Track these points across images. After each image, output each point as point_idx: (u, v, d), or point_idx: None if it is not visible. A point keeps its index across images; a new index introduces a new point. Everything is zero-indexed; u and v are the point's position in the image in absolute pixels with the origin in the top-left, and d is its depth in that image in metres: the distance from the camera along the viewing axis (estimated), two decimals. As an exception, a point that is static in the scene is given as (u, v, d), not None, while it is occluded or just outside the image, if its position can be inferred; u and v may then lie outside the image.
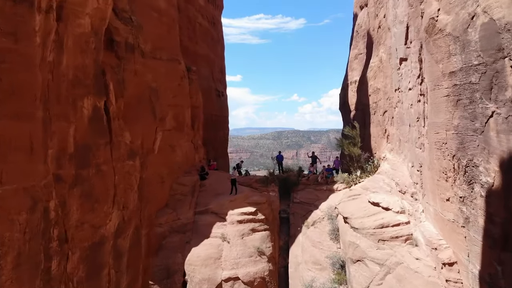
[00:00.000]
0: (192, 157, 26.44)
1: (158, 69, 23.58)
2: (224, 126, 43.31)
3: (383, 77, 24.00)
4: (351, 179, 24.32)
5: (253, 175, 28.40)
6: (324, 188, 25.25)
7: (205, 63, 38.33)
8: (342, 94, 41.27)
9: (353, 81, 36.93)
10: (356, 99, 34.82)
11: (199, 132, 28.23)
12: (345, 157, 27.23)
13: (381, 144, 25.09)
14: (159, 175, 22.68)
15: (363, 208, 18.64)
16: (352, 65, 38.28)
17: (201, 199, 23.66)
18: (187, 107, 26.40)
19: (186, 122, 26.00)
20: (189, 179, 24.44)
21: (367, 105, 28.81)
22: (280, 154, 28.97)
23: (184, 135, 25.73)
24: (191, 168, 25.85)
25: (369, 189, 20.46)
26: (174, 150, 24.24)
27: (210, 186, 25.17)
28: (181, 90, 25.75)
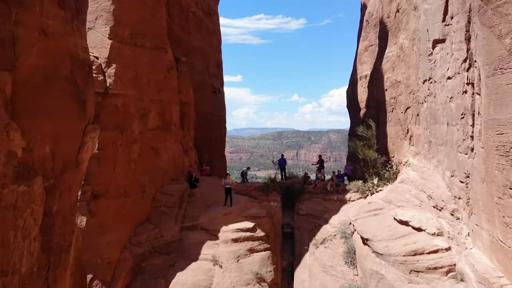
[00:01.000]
0: (181, 161, 22.78)
1: (139, 58, 19.98)
2: (220, 125, 39.58)
3: (405, 67, 20.33)
4: (366, 188, 20.66)
5: (252, 182, 24.76)
6: (335, 198, 21.58)
7: (199, 56, 34.64)
8: (350, 90, 37.59)
9: (363, 75, 33.25)
10: (367, 96, 31.13)
11: (190, 132, 24.57)
12: (357, 161, 23.54)
13: (401, 147, 21.42)
14: (138, 183, 19.04)
15: (387, 228, 14.98)
16: (361, 58, 34.60)
17: (190, 212, 19.99)
18: (175, 103, 22.74)
19: (173, 121, 22.35)
20: (176, 188, 20.77)
21: (382, 102, 25.14)
22: (283, 158, 25.30)
23: (171, 136, 22.07)
24: (179, 174, 22.18)
25: (393, 202, 16.79)
26: (158, 154, 20.58)
27: (201, 196, 21.49)
28: (168, 83, 22.10)
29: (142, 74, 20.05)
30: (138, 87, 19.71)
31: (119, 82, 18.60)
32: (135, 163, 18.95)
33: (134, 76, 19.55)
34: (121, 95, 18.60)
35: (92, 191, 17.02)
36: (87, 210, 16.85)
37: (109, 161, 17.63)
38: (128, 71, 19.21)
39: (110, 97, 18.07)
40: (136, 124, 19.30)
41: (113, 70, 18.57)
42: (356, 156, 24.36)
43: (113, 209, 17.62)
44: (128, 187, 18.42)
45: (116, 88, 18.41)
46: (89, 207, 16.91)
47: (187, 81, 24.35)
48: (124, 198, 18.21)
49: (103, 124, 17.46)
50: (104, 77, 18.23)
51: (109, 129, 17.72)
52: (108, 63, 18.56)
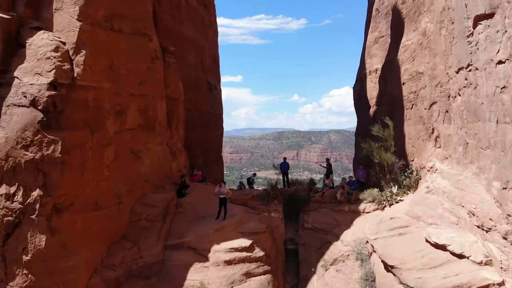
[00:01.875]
0: (167, 166, 19.68)
1: (116, 44, 16.90)
2: (216, 125, 36.49)
3: (430, 55, 17.26)
4: (384, 198, 17.57)
5: (249, 189, 21.61)
6: (346, 208, 18.49)
7: (192, 49, 31.57)
8: (358, 87, 34.49)
9: (373, 70, 30.17)
10: (378, 92, 28.06)
11: (179, 132, 21.48)
12: (370, 165, 20.44)
13: (423, 149, 18.34)
14: (113, 193, 15.96)
15: (419, 252, 11.89)
16: (370, 51, 31.51)
17: (176, 226, 16.90)
18: (161, 99, 19.66)
19: (158, 119, 19.27)
20: (160, 198, 17.68)
21: (398, 97, 22.06)
22: (285, 162, 22.14)
23: (155, 136, 18.99)
24: (165, 181, 19.10)
25: (422, 219, 13.69)
26: (138, 157, 17.50)
27: (190, 207, 18.40)
28: (152, 75, 19.02)
29: (120, 64, 16.97)
30: (114, 79, 16.63)
31: (89, 72, 15.51)
32: (109, 169, 15.86)
33: (109, 65, 16.47)
34: (92, 88, 15.51)
35: (53, 203, 13.91)
36: (47, 227, 13.75)
37: (76, 167, 14.53)
38: (102, 59, 16.13)
39: (78, 89, 14.97)
40: (111, 122, 16.22)
41: (82, 57, 15.46)
42: (370, 160, 21.29)
43: (80, 225, 14.55)
44: (100, 198, 15.33)
45: (86, 79, 15.32)
46: (49, 224, 13.81)
47: (175, 74, 21.28)
48: (95, 212, 15.12)
49: (68, 122, 14.49)
50: (71, 65, 15.11)
51: (75, 128, 14.66)
52: (77, 50, 15.45)
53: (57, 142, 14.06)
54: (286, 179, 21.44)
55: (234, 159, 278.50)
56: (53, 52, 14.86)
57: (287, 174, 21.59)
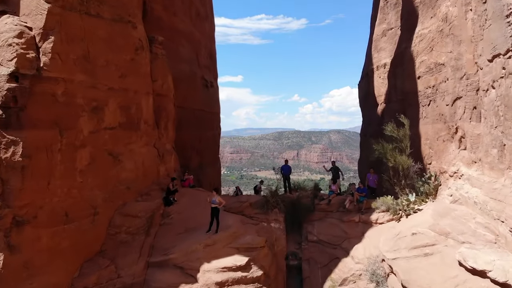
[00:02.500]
0: (154, 170, 17.46)
1: (92, 31, 14.73)
2: (213, 124, 34.29)
3: (453, 43, 15.03)
4: (400, 207, 15.34)
5: (247, 196, 19.33)
6: (356, 218, 16.28)
7: (186, 42, 29.36)
8: (364, 84, 32.25)
9: (381, 64, 27.94)
10: (388, 88, 25.83)
11: (168, 132, 19.25)
12: (381, 168, 18.22)
13: (444, 151, 16.13)
14: (87, 203, 13.78)
15: (452, 279, 9.67)
16: (378, 45, 29.27)
17: (161, 240, 14.69)
18: (146, 94, 17.46)
19: (143, 117, 17.07)
20: (144, 207, 15.48)
21: (413, 93, 19.85)
22: (287, 165, 19.84)
23: (139, 137, 16.79)
24: (150, 188, 16.90)
25: (451, 235, 11.46)
26: (119, 161, 15.30)
27: (179, 216, 16.20)
28: (136, 67, 16.84)
29: (97, 53, 14.79)
30: (90, 70, 14.45)
31: (59, 61, 13.33)
32: (82, 174, 13.66)
33: (84, 55, 14.29)
34: (62, 80, 13.33)
35: (13, 216, 11.77)
36: (5, 244, 11.60)
37: (41, 172, 12.36)
38: (75, 47, 13.95)
39: (44, 82, 12.80)
40: (86, 120, 14.03)
41: (50, 44, 13.28)
42: (380, 163, 19.08)
43: (45, 241, 12.40)
44: (71, 208, 13.15)
45: (55, 69, 13.14)
46: (8, 240, 11.66)
47: (164, 67, 19.06)
48: (64, 225, 12.96)
49: (32, 120, 12.36)
50: (36, 54, 12.95)
51: (40, 127, 12.51)
52: (44, 35, 13.27)
53: (17, 143, 11.92)
54: (287, 184, 19.19)
55: (234, 159, 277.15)
56: (16, 38, 12.72)
57: (288, 179, 19.32)
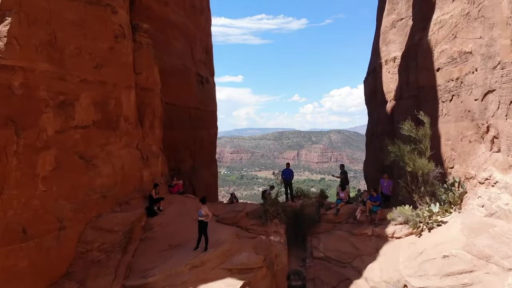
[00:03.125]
0: (136, 175, 15.24)
1: (61, 13, 12.56)
2: (209, 123, 32.09)
3: (483, 28, 12.82)
4: (421, 219, 13.12)
5: (242, 204, 17.01)
6: (369, 232, 14.07)
7: (180, 35, 27.19)
8: (371, 80, 30.03)
9: (390, 58, 25.74)
10: (399, 83, 23.62)
11: (155, 132, 17.03)
12: (400, 173, 15.99)
13: (471, 154, 13.90)
14: (52, 216, 11.59)
15: (505, 323, 7.41)
16: (386, 37, 27.05)
17: (140, 259, 12.47)
18: (127, 88, 15.25)
19: (124, 114, 14.87)
20: (122, 218, 13.27)
21: (430, 87, 17.63)
22: (289, 169, 17.49)
23: (119, 137, 14.58)
24: (131, 195, 14.68)
25: (493, 259, 9.23)
26: (92, 165, 13.09)
27: (163, 230, 13.97)
28: (115, 57, 14.65)
29: (67, 39, 12.62)
30: (57, 59, 12.27)
31: (16, 47, 11.17)
32: (46, 182, 11.48)
33: (50, 40, 12.11)
34: (20, 69, 11.16)
35: (-47, 234, 9.62)
36: None
37: (-9, 180, 10.20)
38: (37, 31, 11.78)
39: (-4, 70, 10.64)
40: (50, 117, 11.85)
41: (6, 27, 11.14)
42: (394, 166, 16.88)
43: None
44: (31, 223, 10.97)
45: (11, 56, 10.99)
46: None
47: (150, 57, 16.84)
48: (22, 243, 10.79)
49: (-21, 116, 10.16)
50: (-12, 37, 10.80)
51: (-10, 124, 10.32)
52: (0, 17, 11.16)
53: (-41, 145, 9.75)
54: (289, 191, 16.94)
55: (235, 159, 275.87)
56: (-37, 19, 10.57)
57: (290, 185, 17.05)
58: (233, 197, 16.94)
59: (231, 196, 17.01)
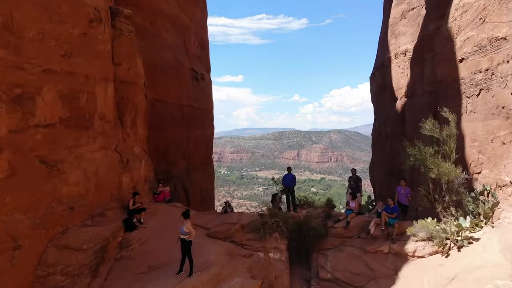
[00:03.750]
0: (113, 181, 13.15)
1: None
2: (204, 122, 30.03)
3: (524, 7, 10.73)
4: (449, 235, 11.04)
5: (238, 213, 14.84)
6: (385, 249, 11.99)
7: (172, 27, 25.14)
8: (378, 76, 27.93)
9: (400, 51, 23.66)
10: (411, 78, 21.54)
11: (137, 131, 14.94)
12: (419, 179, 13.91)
13: (504, 157, 11.81)
14: (5, 233, 9.51)
15: None
16: (396, 29, 24.96)
17: (113, 284, 10.37)
18: (104, 80, 13.17)
19: (99, 111, 12.79)
20: (93, 234, 11.18)
21: (451, 81, 15.56)
22: (290, 174, 15.20)
23: (92, 137, 12.50)
24: (107, 206, 12.59)
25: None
26: (57, 171, 11.01)
27: (143, 247, 11.87)
28: (89, 45, 12.58)
29: (26, 22, 10.52)
30: (14, 45, 10.18)
31: (-43, 27, 9.10)
32: None
33: (5, 22, 10.02)
34: (-40, 55, 9.09)
35: None
36: None
37: None
38: (-15, 9, 9.70)
39: None
40: (3, 114, 9.76)
41: None
42: (409, 171, 14.79)
43: None
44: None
45: (-51, 38, 8.92)
46: None
47: (132, 47, 14.73)
48: (-39, 268, 8.70)
49: None
50: None
51: None
52: None
53: None
54: (291, 199, 14.83)
55: (235, 159, 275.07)
56: None
57: (292, 192, 14.91)
58: (227, 206, 14.82)
59: (225, 205, 14.90)
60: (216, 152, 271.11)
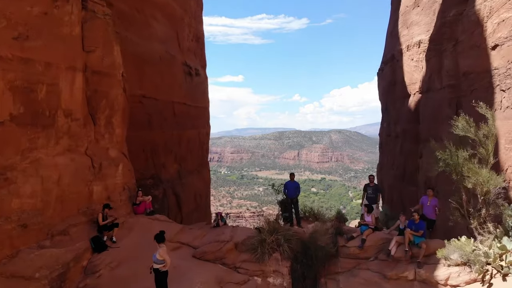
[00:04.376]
0: (82, 191, 10.98)
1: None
2: (198, 122, 27.84)
3: None
4: (491, 260, 8.85)
5: (231, 229, 12.59)
6: (410, 275, 9.80)
7: (163, 17, 22.96)
8: (387, 71, 25.73)
9: (414, 43, 21.47)
10: (427, 71, 19.34)
11: (114, 131, 12.72)
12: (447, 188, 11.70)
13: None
14: None
15: None
16: (408, 18, 22.77)
17: (71, 324, 8.21)
18: (71, 70, 10.99)
19: (63, 106, 10.63)
20: (49, 258, 9.01)
21: (480, 72, 13.40)
22: (294, 182, 12.65)
23: (55, 138, 10.34)
24: (72, 221, 10.42)
25: None
26: (5, 181, 8.84)
27: (113, 273, 9.66)
28: (52, 27, 10.42)
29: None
30: None
31: None
32: None
33: None
34: None
35: None
36: None
37: None
38: None
39: None
40: None
41: None
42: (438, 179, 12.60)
43: None
44: None
45: None
46: None
47: (107, 32, 12.52)
48: None
49: None
50: None
51: None
52: None
53: None
54: (294, 212, 12.60)
55: (235, 159, 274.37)
56: None
57: (296, 203, 12.65)
58: (219, 218, 12.61)
59: (216, 217, 12.69)
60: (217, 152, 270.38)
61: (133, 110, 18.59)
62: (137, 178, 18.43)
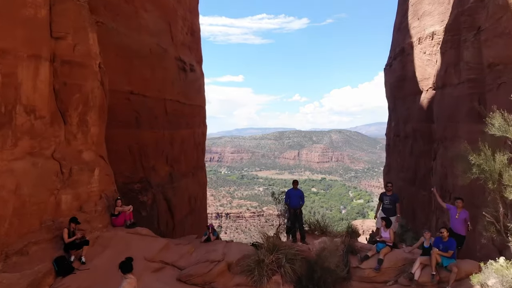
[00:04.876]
0: (46, 201, 9.28)
1: None
2: (193, 121, 26.12)
3: None
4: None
5: (225, 244, 10.90)
6: (439, 305, 8.08)
7: (154, 8, 21.25)
8: (396, 66, 24.00)
9: (426, 35, 19.76)
10: (442, 65, 17.63)
11: (89, 130, 11.02)
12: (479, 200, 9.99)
13: None
14: None
15: None
16: (419, 8, 21.05)
17: None
18: (33, 59, 9.29)
19: (23, 101, 8.93)
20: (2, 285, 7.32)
21: (510, 63, 11.69)
22: (297, 190, 10.84)
23: (12, 139, 8.64)
24: (32, 238, 8.71)
25: None
26: None
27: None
28: (10, 8, 8.74)
29: None
30: None
31: None
32: None
33: None
34: None
35: None
36: None
37: None
38: None
39: None
40: None
41: None
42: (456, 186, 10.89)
43: None
44: None
45: None
46: None
47: (80, 16, 10.84)
48: None
49: None
50: None
51: None
52: None
53: None
54: (298, 225, 10.83)
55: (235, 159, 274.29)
56: None
57: (300, 215, 10.83)
58: (211, 231, 10.91)
59: (208, 230, 10.98)
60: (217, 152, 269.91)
61: (119, 107, 16.93)
62: (123, 182, 16.78)
